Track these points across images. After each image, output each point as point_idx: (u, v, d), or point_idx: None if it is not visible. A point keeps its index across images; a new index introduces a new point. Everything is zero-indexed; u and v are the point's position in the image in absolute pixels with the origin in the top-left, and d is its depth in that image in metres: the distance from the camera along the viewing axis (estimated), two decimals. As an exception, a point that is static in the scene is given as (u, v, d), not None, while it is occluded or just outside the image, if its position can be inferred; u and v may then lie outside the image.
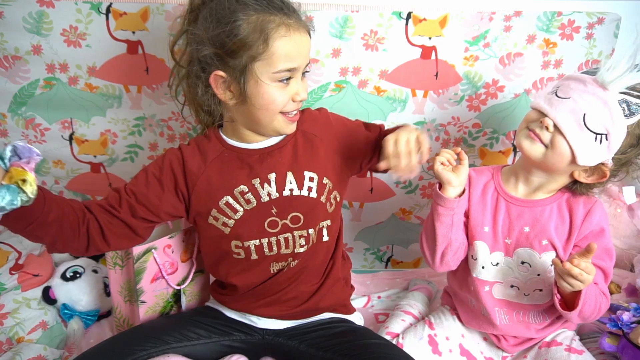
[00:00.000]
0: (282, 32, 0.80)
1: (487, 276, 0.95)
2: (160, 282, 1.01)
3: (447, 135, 1.27)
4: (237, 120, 0.90)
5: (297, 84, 0.85)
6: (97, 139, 1.26)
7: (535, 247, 0.91)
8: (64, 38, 1.12)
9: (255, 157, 0.91)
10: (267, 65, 0.81)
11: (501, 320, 0.96)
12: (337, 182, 0.97)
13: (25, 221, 0.75)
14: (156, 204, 0.89)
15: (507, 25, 1.16)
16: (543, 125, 0.85)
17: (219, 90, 0.85)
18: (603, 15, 1.17)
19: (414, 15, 1.14)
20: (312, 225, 0.93)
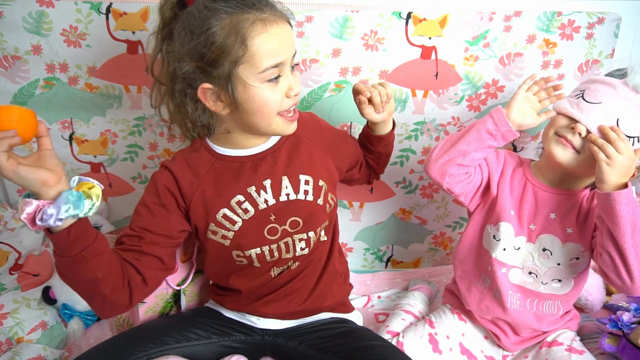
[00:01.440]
0: (258, 29, 0.76)
1: (506, 259, 0.94)
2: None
3: (447, 135, 1.26)
4: (234, 129, 0.87)
5: (288, 78, 0.81)
6: (97, 139, 1.26)
7: (559, 234, 0.91)
8: (64, 38, 1.13)
9: (248, 164, 0.89)
10: (251, 66, 0.77)
11: (512, 304, 0.95)
12: (332, 184, 0.97)
13: (83, 242, 0.73)
14: (169, 228, 0.87)
15: (507, 25, 1.16)
16: (575, 132, 0.84)
17: (210, 102, 0.81)
18: (603, 15, 1.17)
19: (414, 16, 1.14)
20: (312, 228, 0.92)
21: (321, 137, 0.96)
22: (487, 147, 0.90)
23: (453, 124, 1.25)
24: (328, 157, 0.96)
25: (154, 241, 0.85)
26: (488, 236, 0.97)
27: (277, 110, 0.82)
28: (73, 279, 0.77)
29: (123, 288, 0.80)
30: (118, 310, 0.84)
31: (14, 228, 1.24)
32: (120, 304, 0.82)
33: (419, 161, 1.29)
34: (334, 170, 0.97)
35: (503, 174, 0.97)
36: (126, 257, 0.83)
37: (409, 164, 1.29)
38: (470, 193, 0.97)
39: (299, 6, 1.12)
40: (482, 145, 0.89)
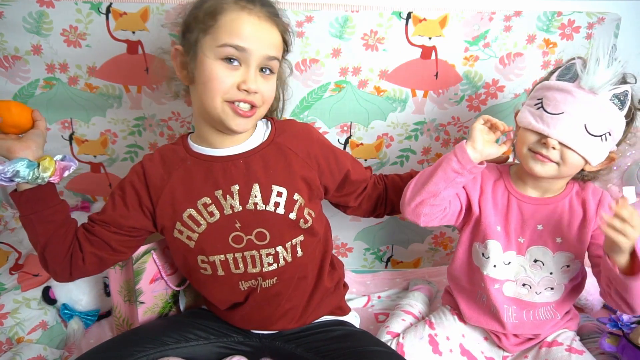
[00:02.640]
0: (234, 10, 0.80)
1: (498, 275, 0.94)
2: (159, 283, 1.01)
3: (447, 135, 1.27)
4: (197, 114, 0.89)
5: (248, 72, 0.81)
6: (97, 139, 1.26)
7: (549, 245, 0.91)
8: (64, 38, 1.12)
9: (217, 165, 0.88)
10: (212, 39, 0.80)
11: (509, 318, 0.95)
12: (312, 200, 0.93)
13: (33, 205, 0.83)
14: (121, 222, 0.89)
15: (507, 25, 1.16)
16: (549, 147, 0.84)
17: (178, 66, 0.86)
18: (603, 15, 1.17)
19: (414, 15, 1.13)
20: (279, 242, 0.88)
21: (308, 150, 0.93)
22: (456, 184, 0.89)
23: (453, 124, 1.25)
24: (313, 172, 0.93)
25: (106, 227, 0.90)
26: (477, 254, 0.98)
27: (222, 93, 0.81)
28: (27, 235, 0.87)
29: (63, 261, 0.87)
30: (60, 277, 0.91)
31: (14, 228, 1.24)
32: (61, 274, 0.89)
33: (418, 161, 1.29)
34: (317, 186, 0.94)
35: (483, 192, 0.96)
36: (79, 233, 0.89)
37: (408, 164, 1.29)
38: (452, 220, 0.97)
39: (299, 6, 1.12)
40: (451, 183, 0.88)
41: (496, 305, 0.95)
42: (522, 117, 0.88)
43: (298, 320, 0.95)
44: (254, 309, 0.93)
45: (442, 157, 0.90)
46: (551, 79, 0.87)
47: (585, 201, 0.92)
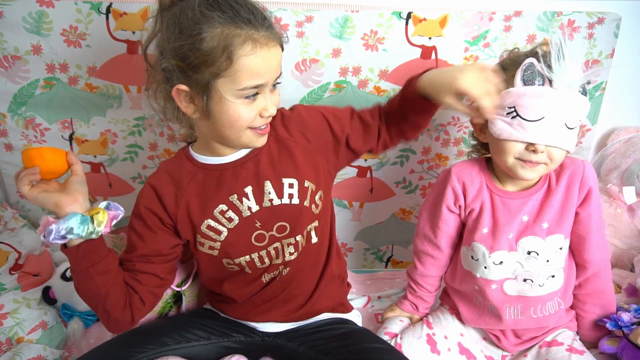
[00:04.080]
0: (248, 49, 0.75)
1: (492, 275, 0.94)
2: (160, 283, 1.01)
3: (447, 135, 1.26)
4: (204, 136, 0.87)
5: (265, 99, 0.80)
6: (97, 139, 1.26)
7: (538, 233, 0.91)
8: (64, 38, 1.13)
9: (228, 172, 0.88)
10: (231, 82, 0.76)
11: (510, 315, 0.95)
12: (321, 181, 0.93)
13: (90, 258, 0.82)
14: (159, 248, 0.89)
15: (507, 25, 1.16)
16: (538, 152, 0.85)
17: (183, 104, 0.80)
18: (603, 15, 1.17)
19: (414, 15, 1.14)
20: (299, 231, 0.90)
21: (302, 131, 0.92)
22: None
23: (453, 124, 1.24)
24: (316, 155, 0.93)
25: (147, 260, 0.89)
26: (466, 257, 0.98)
27: (248, 125, 0.81)
28: (82, 291, 0.86)
29: (125, 307, 0.87)
30: (123, 326, 0.90)
31: (14, 228, 1.24)
32: (124, 321, 0.89)
33: (418, 161, 1.29)
34: (323, 166, 0.94)
35: (467, 199, 0.96)
36: (125, 277, 0.88)
37: (408, 164, 1.29)
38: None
39: (299, 6, 1.12)
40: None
41: (495, 305, 0.95)
42: (499, 129, 0.86)
43: (300, 308, 0.96)
44: (269, 297, 0.94)
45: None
46: (517, 85, 0.84)
47: (564, 178, 0.92)
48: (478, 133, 0.97)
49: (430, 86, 0.87)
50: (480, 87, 0.81)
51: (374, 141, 0.98)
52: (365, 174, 1.30)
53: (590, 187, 0.92)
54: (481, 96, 0.81)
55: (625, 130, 1.31)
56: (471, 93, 0.81)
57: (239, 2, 0.77)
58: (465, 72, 0.82)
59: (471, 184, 0.96)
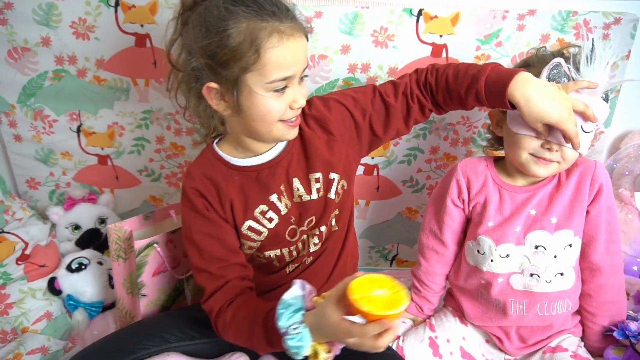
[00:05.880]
0: (274, 41, 0.75)
1: (499, 268, 0.93)
2: (163, 276, 1.02)
3: (456, 135, 1.25)
4: (236, 132, 0.86)
5: (294, 91, 0.81)
6: (105, 131, 1.26)
7: (546, 227, 0.91)
8: (73, 30, 1.13)
9: (265, 172, 0.88)
10: (260, 75, 0.76)
11: (515, 311, 0.94)
12: (345, 171, 0.94)
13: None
14: (233, 243, 0.88)
15: (520, 24, 1.14)
16: (552, 151, 0.86)
17: (213, 101, 0.81)
18: (620, 16, 1.14)
19: (425, 13, 1.12)
20: (323, 222, 0.92)
21: (326, 127, 0.92)
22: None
23: (462, 123, 1.23)
24: (340, 145, 0.92)
25: (243, 267, 0.88)
26: (471, 252, 0.97)
27: (279, 118, 0.81)
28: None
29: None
30: None
31: (22, 218, 1.25)
32: None
33: (426, 160, 1.28)
34: (347, 155, 0.93)
35: (471, 189, 0.96)
36: (241, 296, 0.85)
37: (416, 162, 1.28)
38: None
39: (309, 1, 1.11)
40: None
41: (501, 299, 0.94)
42: (517, 125, 0.87)
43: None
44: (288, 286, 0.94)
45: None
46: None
47: (575, 174, 0.92)
48: (495, 127, 0.96)
49: (522, 106, 0.81)
50: (571, 123, 0.80)
51: (399, 123, 0.95)
52: (372, 172, 1.29)
53: (601, 184, 0.91)
54: (573, 131, 0.81)
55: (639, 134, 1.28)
56: (565, 130, 0.80)
57: None
58: (561, 109, 0.80)
59: (476, 178, 0.96)
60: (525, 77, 0.81)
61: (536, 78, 0.82)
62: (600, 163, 0.94)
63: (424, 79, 0.93)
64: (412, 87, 0.94)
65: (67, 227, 1.28)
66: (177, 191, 1.34)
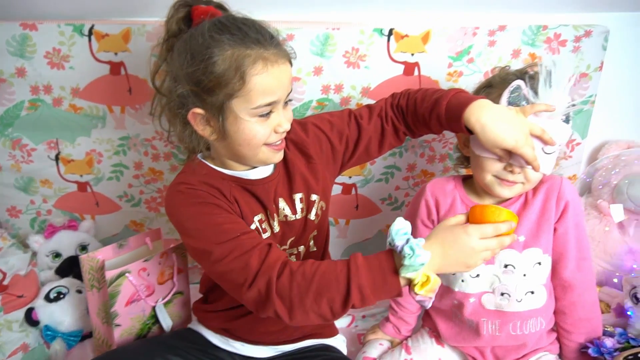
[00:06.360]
0: (259, 68, 0.76)
1: (470, 288, 0.93)
2: (136, 305, 1.01)
3: (432, 152, 1.25)
4: (222, 156, 0.87)
5: (279, 115, 0.82)
6: (83, 158, 1.26)
7: (514, 245, 0.90)
8: (48, 60, 1.13)
9: (259, 188, 0.88)
10: (245, 101, 0.77)
11: (488, 331, 0.93)
12: (324, 193, 0.95)
13: None
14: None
15: (491, 40, 1.15)
16: (515, 172, 0.86)
17: (199, 126, 0.81)
18: (590, 28, 1.15)
19: (396, 32, 1.12)
20: (302, 242, 0.93)
21: (305, 151, 0.94)
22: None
23: (438, 139, 1.23)
24: (318, 167, 0.94)
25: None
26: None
27: (264, 142, 0.82)
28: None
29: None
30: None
31: (1, 248, 1.25)
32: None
33: (404, 177, 1.28)
34: (324, 177, 0.95)
35: (440, 209, 0.97)
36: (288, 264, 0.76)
37: (394, 180, 1.28)
38: None
39: (280, 24, 1.11)
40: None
41: (473, 319, 0.93)
42: (479, 147, 0.86)
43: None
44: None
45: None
46: (501, 104, 0.85)
47: (541, 192, 0.92)
48: (462, 146, 0.97)
49: (477, 132, 0.81)
50: (528, 147, 0.81)
51: (373, 145, 0.97)
52: (350, 190, 1.29)
53: (567, 201, 0.91)
54: (530, 155, 0.81)
55: (616, 144, 1.28)
56: (522, 154, 0.81)
57: (246, 23, 0.79)
58: (516, 135, 0.80)
59: (444, 198, 0.96)
60: (481, 103, 0.82)
61: (493, 104, 0.82)
62: (567, 180, 0.94)
63: (397, 102, 0.97)
64: (387, 110, 0.97)
65: (47, 255, 1.28)
66: (158, 216, 1.34)
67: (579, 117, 1.24)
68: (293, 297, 0.72)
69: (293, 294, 0.72)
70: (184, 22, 0.83)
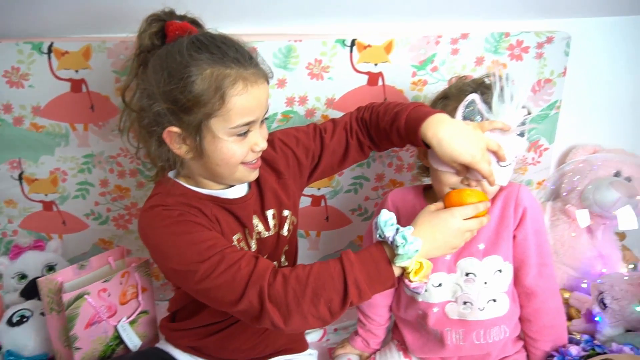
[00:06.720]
0: (239, 88, 0.75)
1: (433, 298, 0.92)
2: (98, 327, 0.99)
3: (400, 161, 1.25)
4: (196, 173, 0.85)
5: (256, 134, 0.81)
6: (47, 177, 1.24)
7: (474, 253, 0.90)
8: (7, 79, 1.12)
9: (236, 207, 0.87)
10: (224, 121, 0.76)
11: (452, 341, 0.92)
12: (294, 208, 0.96)
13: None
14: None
15: (454, 48, 1.15)
16: (472, 186, 0.85)
17: (175, 145, 0.79)
18: (552, 34, 1.16)
19: (358, 42, 1.12)
20: (275, 258, 0.92)
21: (273, 166, 0.93)
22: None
23: (405, 149, 1.22)
24: (288, 182, 0.94)
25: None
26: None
27: (241, 161, 0.81)
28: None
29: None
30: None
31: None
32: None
33: (373, 188, 1.27)
34: (294, 192, 0.95)
35: (400, 220, 0.95)
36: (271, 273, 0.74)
37: (363, 191, 1.27)
38: None
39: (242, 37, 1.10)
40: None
41: (438, 329, 0.93)
42: (436, 160, 0.86)
43: (255, 337, 0.94)
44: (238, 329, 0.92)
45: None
46: (456, 119, 0.85)
47: (499, 200, 0.92)
48: (422, 157, 0.97)
49: (434, 146, 0.81)
50: (484, 163, 0.80)
51: (335, 159, 0.97)
52: (319, 202, 1.28)
53: (525, 208, 0.90)
54: (487, 171, 0.81)
55: (583, 148, 1.29)
56: (478, 170, 0.80)
57: (225, 42, 0.78)
58: (472, 150, 0.79)
59: (405, 208, 0.96)
60: (439, 118, 0.82)
61: (451, 119, 0.82)
62: (524, 187, 0.94)
63: (362, 115, 0.97)
64: (352, 123, 0.97)
65: (13, 277, 1.25)
66: (127, 233, 1.32)
67: (546, 123, 1.25)
68: (289, 303, 0.71)
69: (289, 299, 0.71)
70: (157, 37, 0.82)
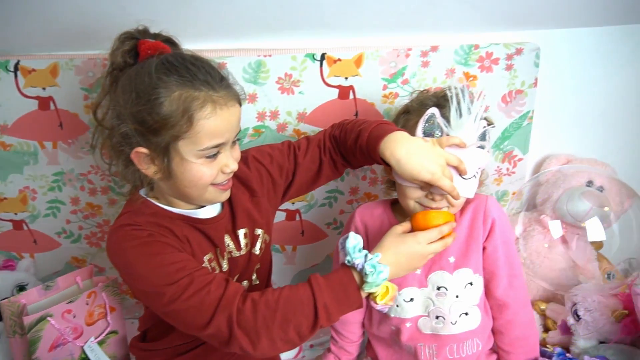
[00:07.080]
0: (207, 111, 0.74)
1: (405, 313, 0.91)
2: (63, 349, 0.97)
3: (373, 174, 1.24)
4: (166, 193, 0.84)
5: (226, 156, 0.80)
6: (16, 196, 1.22)
7: (445, 267, 0.90)
8: (-27, 98, 1.11)
9: (208, 227, 0.86)
10: (192, 143, 0.75)
11: (426, 356, 0.92)
12: (267, 226, 0.95)
13: None
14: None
15: (424, 60, 1.15)
16: (436, 200, 0.85)
17: (143, 165, 0.78)
18: (521, 46, 1.16)
19: (328, 56, 1.12)
20: (246, 277, 0.91)
21: (247, 184, 0.93)
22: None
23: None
24: (261, 200, 0.94)
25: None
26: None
27: (211, 182, 0.80)
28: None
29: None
30: None
31: None
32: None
33: (347, 201, 1.26)
34: (267, 208, 0.95)
35: (369, 234, 0.96)
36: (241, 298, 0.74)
37: (337, 204, 1.26)
38: None
39: (211, 53, 1.10)
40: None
41: (411, 344, 0.92)
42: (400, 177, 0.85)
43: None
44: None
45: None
46: (418, 134, 0.85)
47: (468, 212, 0.92)
48: (388, 172, 0.96)
49: (393, 166, 0.81)
50: (444, 179, 0.80)
51: (308, 177, 0.97)
52: (294, 217, 1.27)
53: (493, 219, 0.90)
54: (448, 187, 0.80)
55: (557, 158, 1.29)
56: (440, 187, 0.80)
57: (195, 64, 0.77)
58: (431, 168, 0.79)
59: (373, 223, 0.95)
60: (396, 137, 0.81)
61: (409, 137, 0.82)
62: (492, 198, 0.93)
63: (333, 132, 0.97)
64: (325, 141, 0.97)
65: (-19, 299, 1.23)
66: (99, 251, 1.30)
67: (519, 133, 1.25)
68: (259, 329, 0.71)
69: (259, 325, 0.71)
70: (129, 55, 0.81)
